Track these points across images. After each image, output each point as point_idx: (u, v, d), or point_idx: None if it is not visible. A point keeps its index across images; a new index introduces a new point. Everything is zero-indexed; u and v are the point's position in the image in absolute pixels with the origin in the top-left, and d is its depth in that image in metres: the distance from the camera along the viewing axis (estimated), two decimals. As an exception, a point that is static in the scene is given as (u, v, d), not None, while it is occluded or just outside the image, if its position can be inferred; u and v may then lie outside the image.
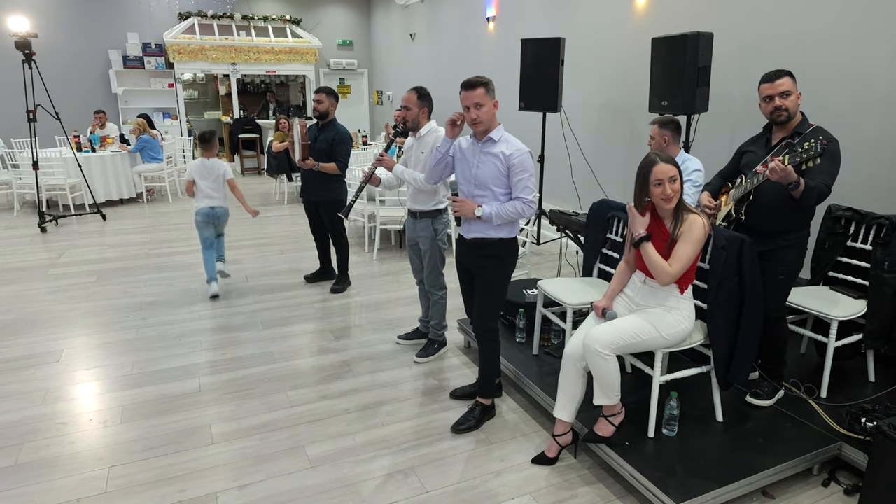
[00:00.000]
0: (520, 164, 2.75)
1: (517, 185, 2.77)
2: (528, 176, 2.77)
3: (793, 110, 2.71)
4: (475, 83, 2.74)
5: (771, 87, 2.71)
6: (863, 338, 3.04)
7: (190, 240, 6.63)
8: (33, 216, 7.56)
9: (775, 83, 2.70)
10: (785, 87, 2.69)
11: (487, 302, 2.96)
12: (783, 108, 2.70)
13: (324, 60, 12.59)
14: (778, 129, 2.81)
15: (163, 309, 4.59)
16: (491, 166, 2.79)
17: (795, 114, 2.74)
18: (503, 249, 2.89)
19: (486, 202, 2.82)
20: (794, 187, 2.51)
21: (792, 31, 4.15)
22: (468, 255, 2.98)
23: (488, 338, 3.00)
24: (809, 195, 2.54)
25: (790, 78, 2.70)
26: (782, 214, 2.72)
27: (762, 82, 2.76)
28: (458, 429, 3.02)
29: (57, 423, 3.06)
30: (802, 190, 2.52)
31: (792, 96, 2.70)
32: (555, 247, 6.22)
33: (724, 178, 3.09)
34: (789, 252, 2.78)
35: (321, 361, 3.76)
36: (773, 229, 2.77)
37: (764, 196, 2.75)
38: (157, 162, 8.55)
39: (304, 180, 4.89)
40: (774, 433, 2.71)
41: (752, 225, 2.83)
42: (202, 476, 2.65)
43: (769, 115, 2.77)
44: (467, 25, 8.58)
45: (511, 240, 2.90)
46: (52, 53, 10.46)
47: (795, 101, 2.71)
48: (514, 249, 2.94)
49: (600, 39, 5.99)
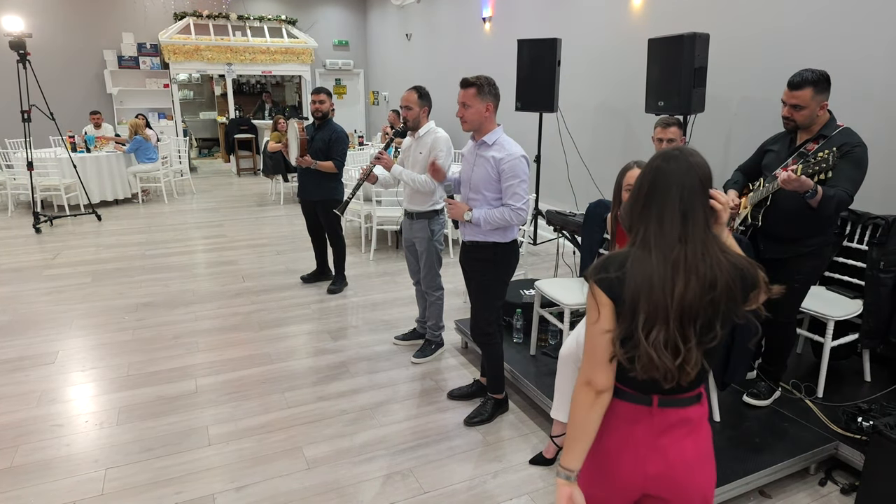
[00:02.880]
0: (509, 169, 2.71)
1: (506, 192, 2.75)
2: (517, 182, 2.72)
3: (802, 122, 2.63)
4: (467, 83, 2.76)
5: (788, 94, 2.62)
6: (859, 337, 3.05)
7: (185, 241, 6.61)
8: (28, 217, 7.52)
9: (793, 93, 2.59)
10: (798, 101, 2.58)
11: (481, 305, 2.96)
12: (791, 118, 2.64)
13: (319, 61, 12.57)
14: (803, 130, 2.71)
15: (159, 310, 4.57)
16: (483, 170, 2.79)
17: (807, 124, 2.65)
18: (496, 254, 2.86)
19: (478, 205, 2.82)
20: (811, 195, 2.41)
21: (788, 32, 4.16)
22: (465, 257, 3.00)
23: (486, 342, 3.00)
24: (828, 205, 2.44)
25: (812, 89, 2.55)
26: (800, 221, 2.64)
27: (788, 83, 2.64)
28: (471, 422, 3.05)
29: (52, 425, 3.04)
30: (820, 199, 2.42)
31: (805, 110, 2.58)
32: (551, 247, 6.23)
33: (745, 174, 2.99)
34: (809, 259, 2.71)
35: (318, 362, 3.76)
36: (791, 235, 2.71)
37: (781, 202, 2.68)
38: (152, 162, 8.52)
39: (301, 180, 4.88)
40: (771, 433, 2.72)
41: (769, 231, 2.77)
42: (199, 478, 2.64)
43: (782, 118, 2.71)
44: (463, 26, 8.58)
45: (505, 245, 2.86)
46: (47, 53, 10.42)
47: (808, 114, 2.60)
48: (509, 254, 2.90)
49: (597, 40, 6.00)
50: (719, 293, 1.31)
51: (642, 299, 1.32)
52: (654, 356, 1.31)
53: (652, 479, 1.41)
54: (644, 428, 1.41)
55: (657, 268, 1.32)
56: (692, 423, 1.42)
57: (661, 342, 1.31)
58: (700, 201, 1.34)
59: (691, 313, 1.31)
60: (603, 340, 1.38)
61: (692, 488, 1.41)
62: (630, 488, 1.43)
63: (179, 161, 9.50)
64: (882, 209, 3.40)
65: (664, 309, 1.31)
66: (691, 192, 1.33)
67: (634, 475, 1.41)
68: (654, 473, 1.40)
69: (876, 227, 3.06)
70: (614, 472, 1.43)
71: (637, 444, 1.41)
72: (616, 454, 1.43)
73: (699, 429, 1.43)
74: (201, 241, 6.60)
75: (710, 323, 1.33)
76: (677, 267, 1.31)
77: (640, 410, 1.41)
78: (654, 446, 1.40)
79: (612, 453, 1.44)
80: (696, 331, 1.33)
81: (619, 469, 1.42)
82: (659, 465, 1.40)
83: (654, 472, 1.40)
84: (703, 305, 1.31)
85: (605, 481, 1.46)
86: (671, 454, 1.39)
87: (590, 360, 1.40)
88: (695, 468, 1.41)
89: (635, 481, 1.41)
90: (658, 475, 1.40)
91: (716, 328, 1.34)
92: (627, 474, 1.42)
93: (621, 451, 1.42)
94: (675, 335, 1.31)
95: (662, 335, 1.31)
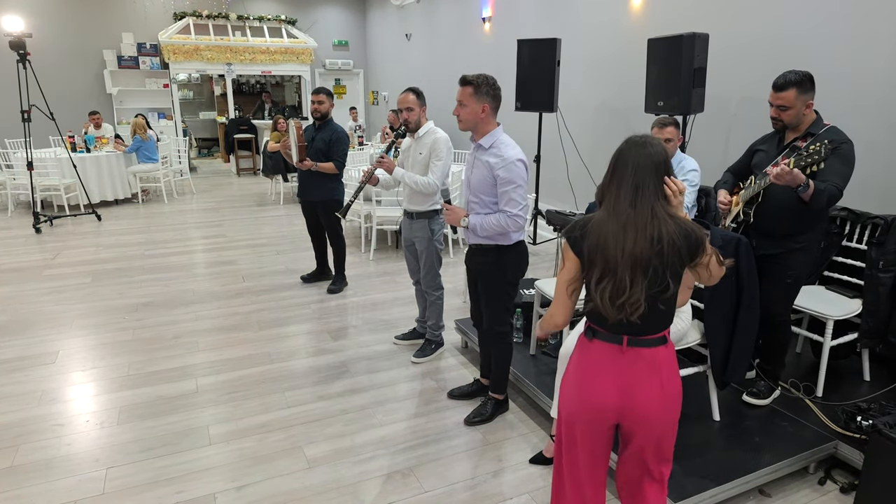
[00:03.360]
0: (505, 175, 2.66)
1: (502, 198, 2.71)
2: (513, 188, 2.66)
3: (789, 121, 2.67)
4: (465, 80, 2.72)
5: (773, 96, 2.67)
6: (858, 337, 3.06)
7: (185, 240, 6.61)
8: (28, 217, 7.52)
9: (778, 94, 2.64)
10: (783, 101, 2.62)
11: (490, 305, 2.96)
12: (778, 118, 2.68)
13: (319, 61, 12.58)
14: (790, 129, 2.75)
15: (159, 310, 4.58)
16: (480, 174, 2.76)
17: (794, 124, 2.68)
18: (500, 257, 2.84)
19: (476, 209, 2.80)
20: (804, 189, 2.46)
21: (788, 32, 4.16)
22: (471, 258, 2.99)
23: (497, 340, 3.00)
24: (819, 198, 2.49)
25: (796, 90, 2.59)
26: (792, 216, 2.67)
27: (773, 85, 2.68)
28: (472, 421, 3.05)
29: (53, 424, 3.05)
30: (812, 193, 2.47)
31: (791, 111, 2.63)
32: (550, 247, 6.24)
33: (735, 175, 3.03)
34: (799, 255, 2.74)
35: (318, 362, 3.76)
36: (783, 231, 2.73)
37: (773, 198, 2.71)
38: (152, 162, 8.53)
39: (301, 181, 4.88)
40: (771, 432, 2.72)
41: (761, 227, 2.80)
42: (200, 477, 2.64)
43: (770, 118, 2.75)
44: (463, 26, 8.58)
45: (510, 247, 2.82)
46: (47, 53, 10.42)
47: (794, 114, 2.64)
48: (514, 256, 2.86)
49: (596, 40, 6.00)
50: (666, 247, 1.59)
51: (598, 254, 1.63)
52: (597, 299, 1.63)
53: (621, 410, 1.69)
54: (617, 363, 1.69)
55: (611, 228, 1.62)
56: (659, 363, 1.69)
57: (608, 289, 1.61)
58: (651, 177, 1.63)
59: (642, 264, 1.60)
60: (563, 286, 1.73)
61: (655, 422, 1.70)
62: (605, 413, 1.71)
63: (179, 161, 9.51)
64: (881, 209, 3.40)
65: (614, 261, 1.61)
66: (644, 169, 1.63)
67: (607, 403, 1.69)
68: (624, 405, 1.68)
69: (875, 226, 3.07)
70: (592, 398, 1.71)
71: (611, 376, 1.69)
72: (593, 384, 1.71)
73: (666, 369, 1.70)
74: (201, 241, 6.60)
75: (660, 273, 1.62)
76: (627, 227, 1.61)
77: (613, 349, 1.70)
78: (624, 381, 1.68)
79: (591, 383, 1.72)
80: (647, 278, 1.61)
81: (596, 396, 1.70)
82: (627, 398, 1.68)
83: (624, 404, 1.68)
84: (652, 256, 1.60)
85: (583, 406, 1.74)
86: (639, 390, 1.68)
87: (555, 300, 1.78)
88: (659, 403, 1.68)
89: (608, 408, 1.70)
90: (627, 407, 1.68)
91: (666, 279, 1.62)
92: (602, 401, 1.70)
93: (598, 381, 1.71)
94: (623, 283, 1.60)
95: (611, 285, 1.61)
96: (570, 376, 1.80)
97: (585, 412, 1.74)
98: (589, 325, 1.77)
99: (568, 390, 1.80)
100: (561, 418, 1.84)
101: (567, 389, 1.80)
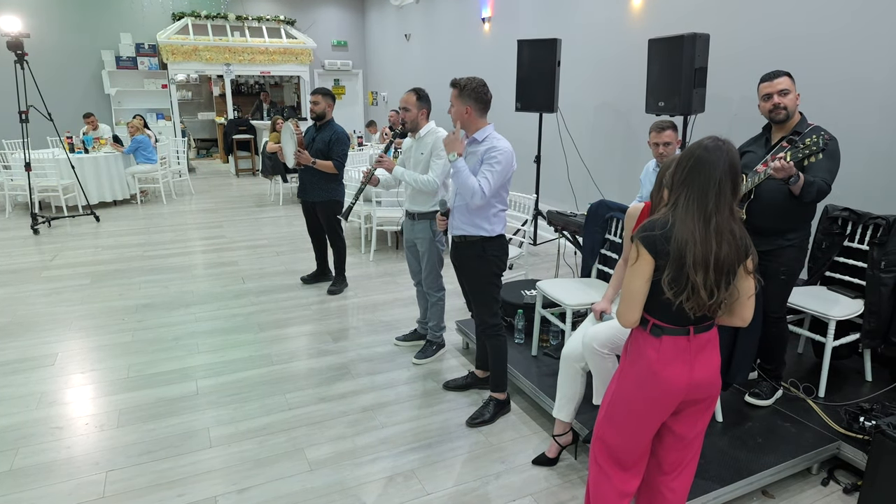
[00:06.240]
0: (492, 154, 2.79)
1: (480, 173, 2.81)
2: (495, 166, 2.77)
3: (791, 109, 2.73)
4: (452, 83, 2.87)
5: (769, 85, 2.74)
6: (860, 337, 3.05)
7: (185, 241, 6.59)
8: (25, 218, 7.50)
9: (773, 82, 2.73)
10: (783, 85, 2.71)
11: (478, 299, 3.04)
12: (782, 106, 2.71)
13: (318, 61, 12.57)
14: (777, 129, 2.82)
15: (158, 311, 4.56)
16: (471, 165, 2.88)
17: (794, 113, 2.75)
18: (484, 248, 2.94)
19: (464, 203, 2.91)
20: (794, 181, 2.54)
21: (789, 33, 4.16)
22: (455, 253, 3.07)
23: (490, 334, 3.04)
24: (809, 190, 2.57)
25: (788, 77, 2.73)
26: (783, 213, 2.73)
27: (761, 82, 2.78)
28: (474, 423, 3.06)
29: (52, 427, 3.03)
30: (802, 184, 2.55)
31: (790, 95, 2.72)
32: (551, 247, 6.23)
33: None
34: (790, 252, 2.79)
35: (319, 363, 3.75)
36: (774, 228, 2.77)
37: (765, 195, 2.75)
38: (151, 163, 8.51)
39: (302, 181, 4.87)
40: (773, 433, 2.72)
41: (754, 224, 2.82)
42: (201, 480, 2.63)
43: (768, 115, 2.78)
44: (462, 26, 8.57)
45: (493, 238, 2.94)
46: (45, 54, 10.40)
47: (794, 99, 2.73)
48: (497, 248, 2.97)
49: (596, 40, 6.00)
50: (741, 246, 1.74)
51: (688, 251, 1.71)
52: (701, 292, 1.72)
53: (694, 385, 1.84)
54: (687, 350, 1.83)
55: (697, 228, 1.71)
56: (713, 341, 1.88)
57: (702, 283, 1.71)
58: (730, 181, 1.73)
59: (724, 266, 1.73)
60: (638, 286, 1.80)
61: (716, 385, 1.90)
62: (677, 394, 1.84)
63: (178, 162, 9.48)
64: (882, 209, 3.40)
65: (704, 260, 1.71)
66: (724, 174, 1.72)
67: (680, 382, 1.83)
68: (697, 380, 1.84)
69: (877, 227, 3.06)
70: (666, 382, 1.83)
71: (682, 363, 1.83)
72: (672, 375, 1.83)
73: (716, 344, 1.90)
74: (200, 242, 6.59)
75: (735, 271, 1.76)
76: (709, 229, 1.71)
77: (682, 340, 1.83)
78: (694, 362, 1.84)
79: (664, 370, 1.83)
80: (725, 279, 1.75)
81: (671, 380, 1.83)
82: (699, 372, 1.84)
83: (697, 379, 1.84)
84: (734, 257, 1.74)
85: (656, 390, 1.85)
86: (704, 365, 1.85)
87: (629, 301, 1.83)
88: (717, 370, 1.89)
89: (681, 387, 1.83)
90: (699, 381, 1.84)
91: (731, 280, 1.77)
92: (676, 383, 1.83)
93: (673, 370, 1.83)
94: (712, 280, 1.72)
95: (704, 278, 1.72)
96: (642, 373, 1.86)
97: (664, 398, 1.85)
98: (653, 322, 1.84)
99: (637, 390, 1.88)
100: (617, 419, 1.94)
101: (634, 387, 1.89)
